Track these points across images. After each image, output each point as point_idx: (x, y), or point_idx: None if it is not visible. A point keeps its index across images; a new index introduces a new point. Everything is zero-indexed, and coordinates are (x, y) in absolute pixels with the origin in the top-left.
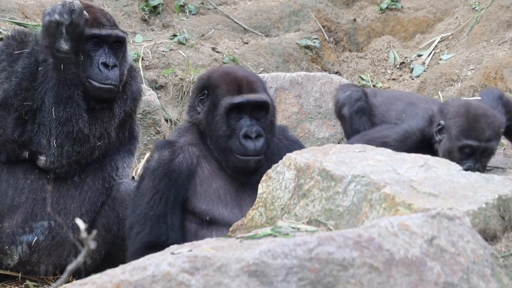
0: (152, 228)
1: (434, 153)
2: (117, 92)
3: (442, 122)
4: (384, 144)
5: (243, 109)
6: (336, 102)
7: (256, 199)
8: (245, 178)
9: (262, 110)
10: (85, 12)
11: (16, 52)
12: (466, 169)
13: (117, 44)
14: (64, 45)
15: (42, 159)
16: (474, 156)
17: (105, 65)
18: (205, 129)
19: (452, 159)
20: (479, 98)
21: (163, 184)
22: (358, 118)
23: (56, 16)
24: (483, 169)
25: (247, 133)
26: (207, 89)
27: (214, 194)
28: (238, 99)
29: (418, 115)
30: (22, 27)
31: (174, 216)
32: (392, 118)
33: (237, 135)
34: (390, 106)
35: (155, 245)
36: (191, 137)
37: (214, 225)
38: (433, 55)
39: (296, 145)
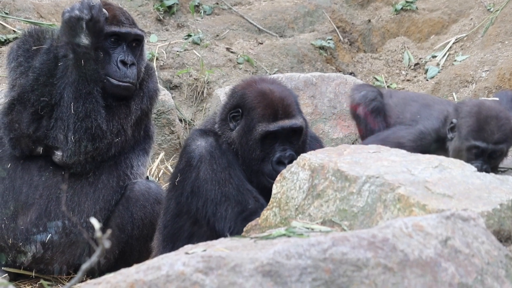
0: (237, 199)
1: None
2: (134, 90)
3: (454, 120)
4: (399, 145)
5: (277, 135)
6: (351, 102)
7: (270, 199)
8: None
9: (296, 134)
10: (104, 9)
11: (33, 48)
12: None
13: (135, 42)
14: (85, 40)
15: (58, 154)
16: (483, 157)
17: (124, 63)
18: (238, 149)
19: (460, 159)
20: (497, 99)
21: (225, 162)
22: (373, 118)
23: (77, 12)
24: (494, 170)
25: (281, 159)
26: (241, 108)
27: None
28: (274, 126)
29: (433, 116)
30: (38, 26)
31: (248, 185)
32: (407, 119)
33: (271, 160)
34: (405, 107)
35: (247, 213)
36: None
37: None
38: (448, 56)
39: (314, 141)
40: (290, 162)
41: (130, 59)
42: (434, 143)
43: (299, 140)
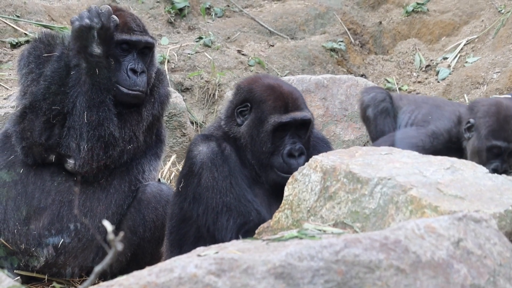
0: (239, 210)
1: (462, 153)
2: (144, 98)
3: (471, 120)
4: (411, 145)
5: (288, 127)
6: (361, 104)
7: (282, 201)
8: (280, 192)
9: (304, 127)
10: (115, 16)
11: (44, 55)
12: (493, 169)
13: (146, 50)
14: (97, 49)
15: (70, 162)
16: (502, 156)
17: (134, 71)
18: (247, 143)
19: (480, 158)
20: (509, 96)
21: (226, 171)
22: (383, 119)
23: (87, 21)
24: (510, 168)
25: (291, 152)
26: (250, 102)
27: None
28: (286, 118)
29: (444, 116)
30: (49, 30)
31: (250, 194)
32: (418, 120)
33: (281, 153)
34: (416, 109)
35: (250, 225)
36: (227, 142)
37: None
38: (459, 58)
39: (322, 143)
40: (300, 155)
41: (140, 67)
42: (446, 143)
43: (306, 134)
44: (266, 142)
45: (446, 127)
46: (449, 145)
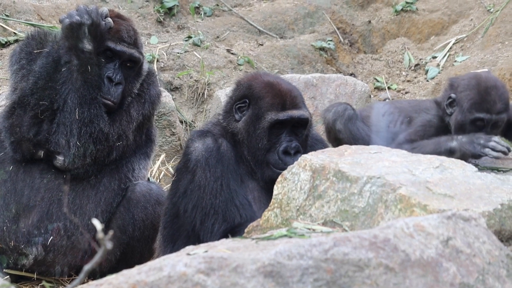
0: (225, 215)
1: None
2: (114, 109)
3: (452, 95)
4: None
5: (285, 125)
6: (327, 124)
7: (272, 200)
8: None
9: (301, 126)
10: (110, 19)
11: (35, 51)
12: None
13: (130, 63)
14: (88, 45)
15: (59, 159)
16: (485, 128)
17: (110, 79)
18: (244, 139)
19: (463, 132)
20: (487, 70)
21: (219, 171)
22: (353, 124)
23: (77, 17)
24: None
25: (287, 149)
26: (248, 98)
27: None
28: (283, 115)
29: (426, 107)
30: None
31: (239, 196)
32: (400, 123)
33: (277, 150)
34: (390, 115)
35: (233, 229)
36: (224, 137)
37: None
38: (448, 57)
39: (320, 144)
40: (296, 153)
41: (118, 78)
42: (439, 129)
43: (303, 133)
44: (262, 139)
45: (433, 113)
46: (442, 129)
